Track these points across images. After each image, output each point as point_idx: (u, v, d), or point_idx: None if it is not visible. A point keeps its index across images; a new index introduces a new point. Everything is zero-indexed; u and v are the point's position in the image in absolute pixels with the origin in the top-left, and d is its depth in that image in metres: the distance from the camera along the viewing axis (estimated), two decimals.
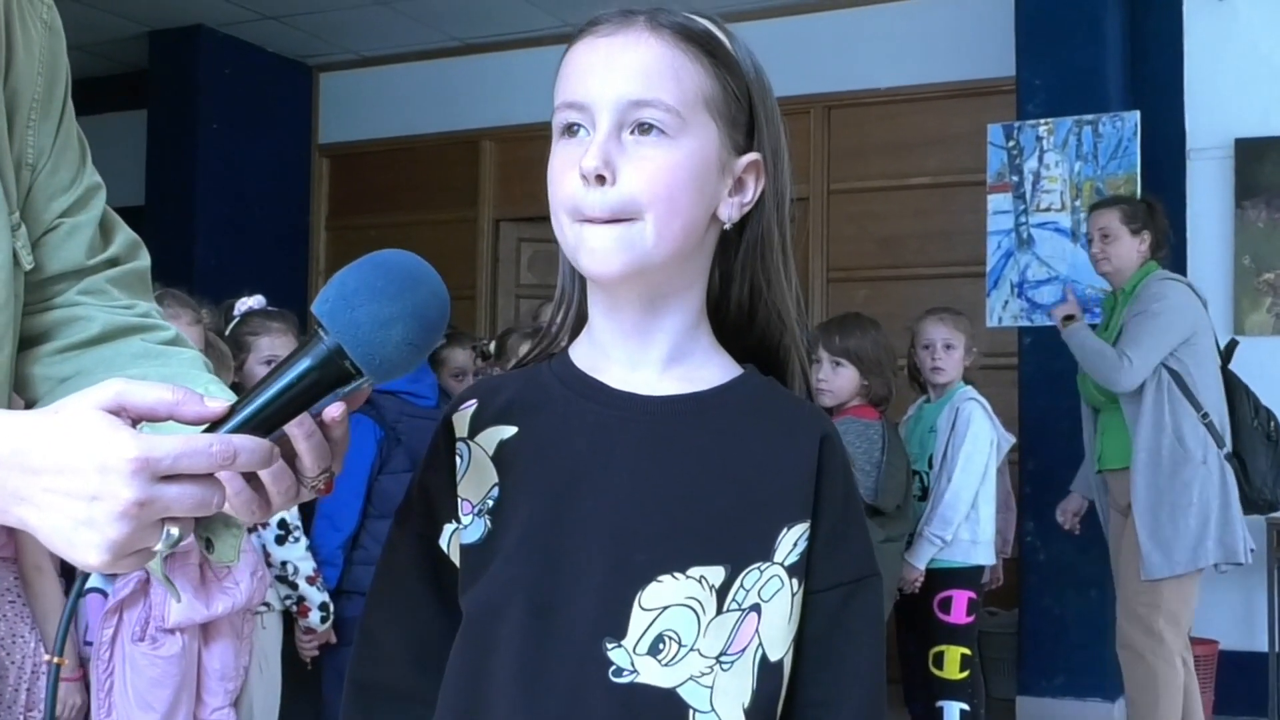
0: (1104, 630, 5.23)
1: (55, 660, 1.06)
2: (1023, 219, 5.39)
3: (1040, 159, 5.37)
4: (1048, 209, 5.36)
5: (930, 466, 4.32)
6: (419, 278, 0.98)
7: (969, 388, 4.36)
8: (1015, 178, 5.41)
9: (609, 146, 1.07)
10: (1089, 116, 5.29)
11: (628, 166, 1.07)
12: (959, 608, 4.22)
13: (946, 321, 4.42)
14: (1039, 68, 5.43)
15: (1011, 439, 4.53)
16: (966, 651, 4.22)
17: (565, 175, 1.09)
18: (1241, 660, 5.32)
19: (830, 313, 5.81)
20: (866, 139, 6.46)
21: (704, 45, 1.11)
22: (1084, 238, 5.28)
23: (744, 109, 1.14)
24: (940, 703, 4.23)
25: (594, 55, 1.10)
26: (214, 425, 0.93)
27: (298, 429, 0.95)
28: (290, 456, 0.97)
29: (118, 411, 0.90)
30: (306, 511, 3.56)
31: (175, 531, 0.90)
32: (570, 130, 1.10)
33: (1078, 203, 5.31)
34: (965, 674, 4.21)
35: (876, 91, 6.43)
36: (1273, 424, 4.34)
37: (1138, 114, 5.29)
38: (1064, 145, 5.33)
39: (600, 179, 1.06)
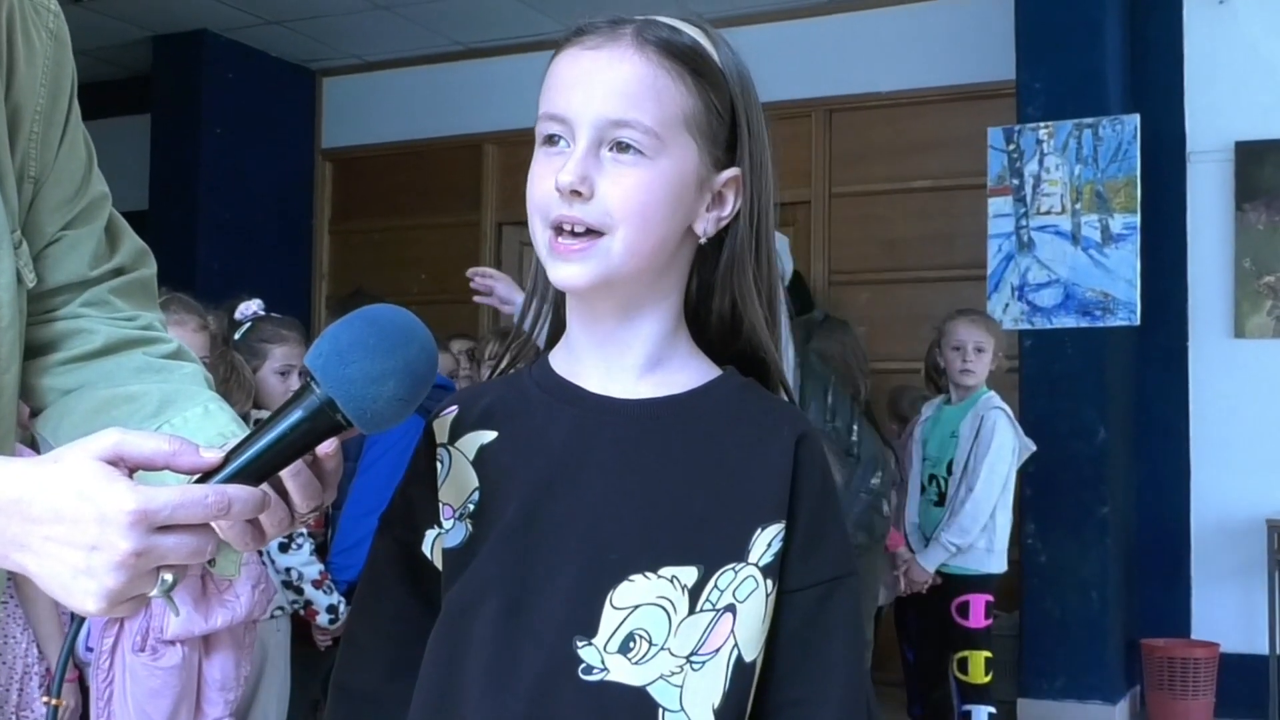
0: (1105, 632, 5.24)
1: (54, 702, 1.08)
2: (1023, 222, 5.40)
3: (1040, 162, 5.37)
4: (1048, 212, 5.37)
5: (949, 472, 4.30)
6: (410, 334, 0.99)
7: (993, 394, 4.32)
8: (1016, 181, 5.42)
9: (587, 163, 1.08)
10: (1089, 120, 5.30)
11: (604, 182, 1.08)
12: (977, 612, 4.23)
13: (979, 324, 4.36)
14: (1039, 71, 5.43)
15: (1032, 446, 4.50)
16: (989, 655, 4.22)
17: (542, 182, 1.10)
18: (1242, 663, 5.32)
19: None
20: (868, 142, 6.47)
21: (689, 62, 1.11)
22: (1085, 240, 5.30)
23: (726, 124, 1.14)
24: (967, 707, 4.23)
25: (577, 69, 1.11)
26: (208, 474, 0.95)
27: (285, 470, 0.99)
28: (283, 490, 1.01)
29: (115, 461, 0.92)
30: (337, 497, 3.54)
31: (169, 578, 0.93)
32: (551, 140, 1.12)
33: (1078, 206, 5.32)
34: (989, 677, 4.21)
35: (878, 95, 6.44)
36: None
37: (1137, 117, 5.30)
38: (1064, 148, 5.34)
39: (576, 194, 1.07)
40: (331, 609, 3.52)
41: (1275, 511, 5.23)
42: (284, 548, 3.43)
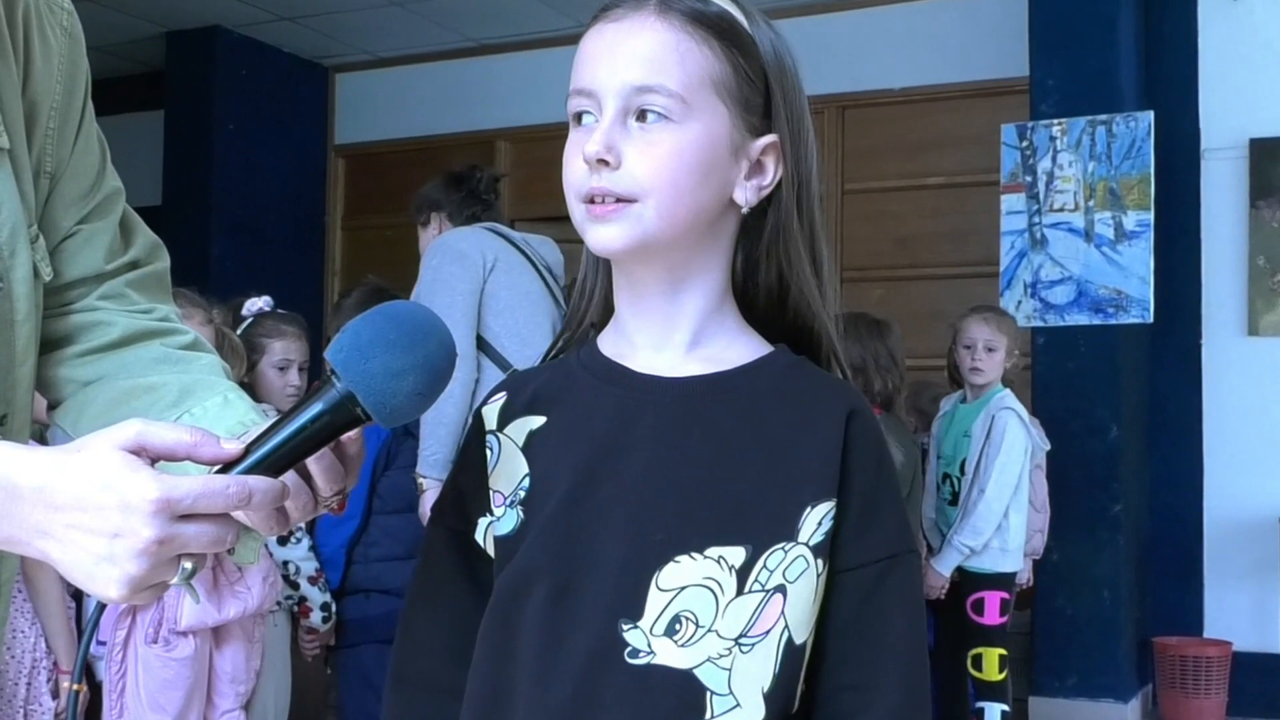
0: (1117, 630, 5.23)
1: (76, 688, 1.09)
2: (1036, 219, 5.40)
3: (1054, 159, 5.37)
4: (1061, 209, 5.36)
5: (961, 472, 4.30)
6: (429, 330, 1.01)
7: (1007, 393, 4.29)
8: (1029, 178, 5.42)
9: (613, 132, 1.07)
10: (1103, 116, 5.29)
11: (632, 151, 1.08)
12: (992, 609, 4.22)
13: (990, 322, 4.32)
14: (1053, 68, 5.42)
15: (1047, 446, 4.50)
16: (1004, 652, 4.22)
17: (574, 160, 1.10)
18: (1255, 661, 5.31)
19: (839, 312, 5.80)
20: (881, 139, 6.46)
21: (714, 28, 1.10)
22: (1098, 237, 5.29)
23: (759, 90, 1.13)
24: (980, 704, 4.23)
25: (601, 41, 1.11)
26: (229, 464, 0.97)
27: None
28: (307, 474, 1.02)
29: (138, 451, 0.93)
30: None
31: (190, 566, 0.94)
32: (579, 118, 1.12)
33: (1091, 203, 5.31)
34: (1004, 675, 4.21)
35: (891, 92, 6.44)
36: None
37: (1151, 114, 5.29)
38: (1077, 145, 5.33)
39: (604, 163, 1.07)
40: (325, 606, 3.52)
41: None
42: (283, 541, 3.42)
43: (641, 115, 1.08)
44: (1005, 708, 4.23)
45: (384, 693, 1.20)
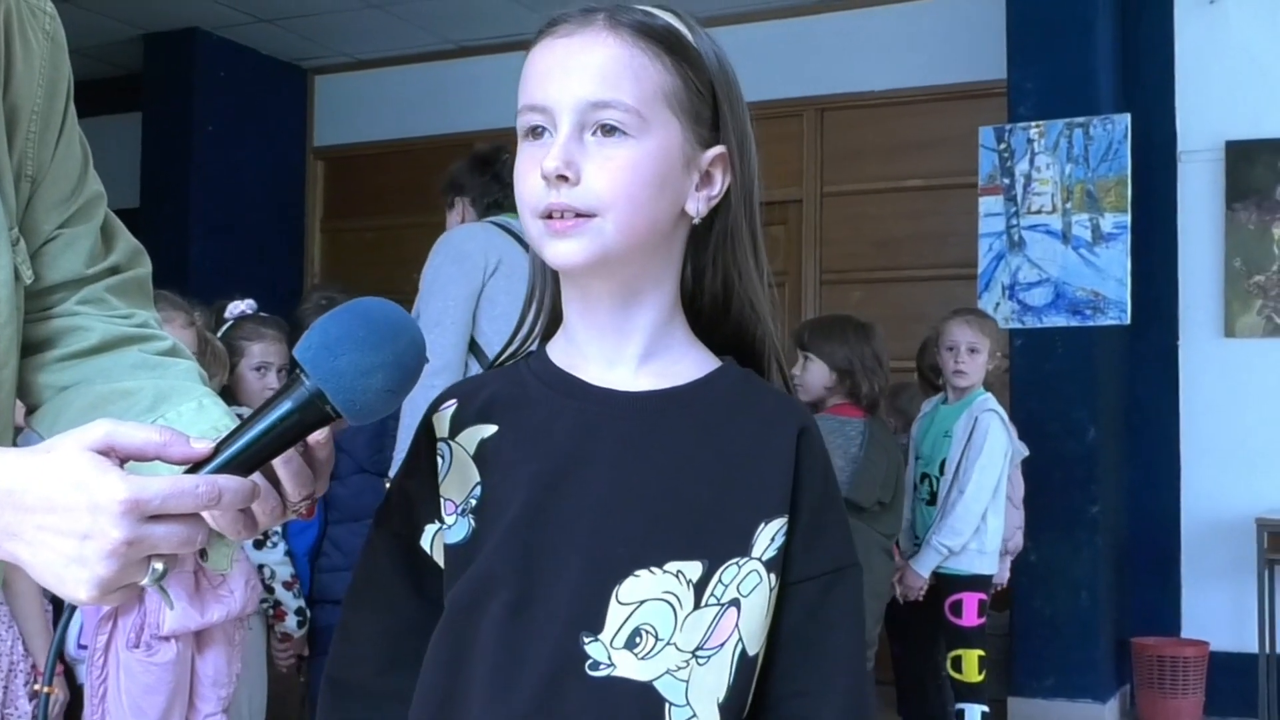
0: (1095, 631, 5.26)
1: (46, 690, 1.08)
2: (1014, 221, 5.42)
3: (1031, 161, 5.39)
4: (1039, 211, 5.38)
5: (940, 472, 4.31)
6: (399, 327, 1.00)
7: (988, 395, 4.30)
8: (1006, 180, 5.44)
9: (570, 147, 1.08)
10: (1080, 119, 5.32)
11: (590, 166, 1.08)
12: (970, 610, 4.23)
13: (973, 324, 4.33)
14: (1030, 70, 5.45)
15: (1025, 450, 4.51)
16: (983, 653, 4.23)
17: (529, 175, 1.10)
18: (1232, 661, 5.34)
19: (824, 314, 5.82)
20: (860, 141, 6.48)
21: (664, 42, 1.11)
22: (1075, 239, 5.32)
23: (708, 103, 1.14)
24: (960, 705, 4.24)
25: (553, 57, 1.11)
26: (199, 464, 0.96)
27: (277, 459, 1.00)
28: (275, 478, 1.01)
29: (107, 452, 0.93)
30: None
31: (160, 567, 0.94)
32: (534, 132, 1.12)
33: (1068, 205, 5.34)
34: (983, 676, 4.22)
35: (870, 94, 6.45)
36: None
37: (1128, 116, 5.31)
38: (1055, 148, 5.35)
39: (562, 179, 1.08)
40: (300, 611, 3.52)
41: (1265, 510, 5.25)
42: (259, 544, 3.41)
43: (598, 130, 1.09)
44: (985, 709, 4.25)
45: (319, 698, 1.19)
